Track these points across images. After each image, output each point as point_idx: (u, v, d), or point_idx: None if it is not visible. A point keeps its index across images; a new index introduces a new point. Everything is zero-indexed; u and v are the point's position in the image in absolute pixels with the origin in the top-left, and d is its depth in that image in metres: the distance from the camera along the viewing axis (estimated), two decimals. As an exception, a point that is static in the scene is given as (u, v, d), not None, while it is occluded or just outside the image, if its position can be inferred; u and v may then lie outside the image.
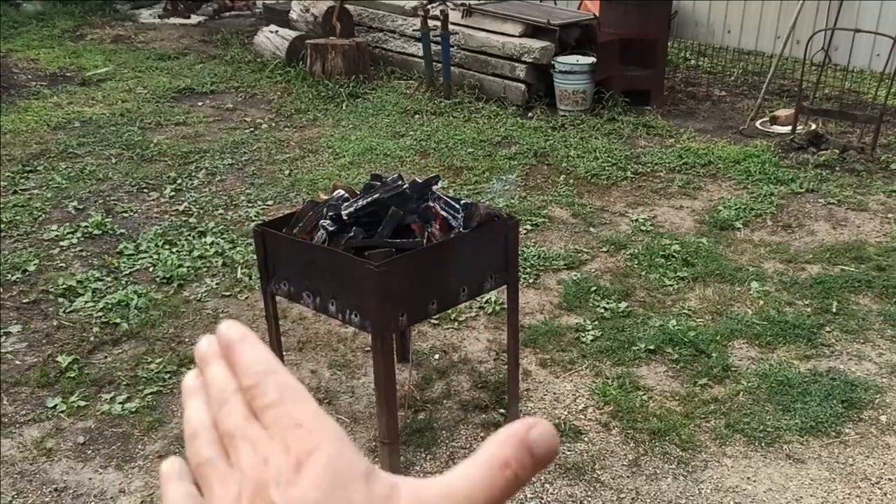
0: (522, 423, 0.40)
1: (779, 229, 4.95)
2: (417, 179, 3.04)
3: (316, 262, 2.83)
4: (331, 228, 2.84)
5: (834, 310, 4.04)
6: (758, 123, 6.71)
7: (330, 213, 2.86)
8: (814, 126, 6.34)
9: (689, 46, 8.43)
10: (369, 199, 2.84)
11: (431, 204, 2.93)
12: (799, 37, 7.13)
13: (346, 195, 2.98)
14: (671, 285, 4.29)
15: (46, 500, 2.90)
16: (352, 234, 2.79)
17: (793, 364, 3.63)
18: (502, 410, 3.34)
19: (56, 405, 3.37)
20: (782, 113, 6.68)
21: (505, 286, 3.09)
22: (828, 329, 3.90)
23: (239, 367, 0.43)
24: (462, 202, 2.97)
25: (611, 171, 5.74)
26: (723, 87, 7.77)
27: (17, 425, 3.27)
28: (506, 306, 3.24)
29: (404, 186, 2.89)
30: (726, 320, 3.96)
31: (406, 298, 2.72)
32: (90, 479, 3.00)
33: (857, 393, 3.43)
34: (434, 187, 2.98)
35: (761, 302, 4.12)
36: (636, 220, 5.03)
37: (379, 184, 2.97)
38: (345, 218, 2.83)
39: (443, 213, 2.90)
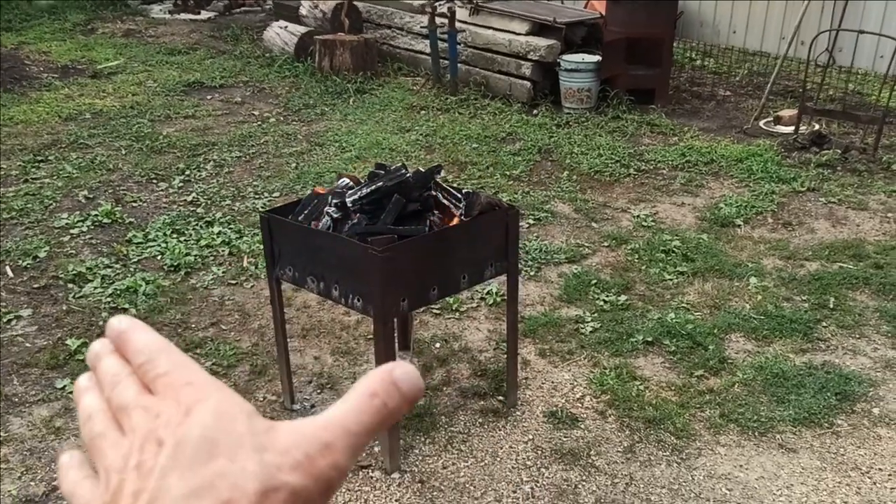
0: (388, 364, 0.44)
1: (779, 227, 5.00)
2: (421, 169, 3.11)
3: (320, 247, 2.90)
4: (335, 215, 2.91)
5: (831, 305, 4.09)
6: (761, 123, 6.75)
7: (335, 201, 2.93)
8: (817, 126, 6.39)
9: (694, 46, 8.48)
10: (373, 188, 2.91)
11: (434, 192, 2.99)
12: (803, 38, 7.16)
13: (351, 183, 3.05)
14: (671, 280, 4.35)
15: (55, 476, 2.98)
16: (355, 220, 2.86)
17: (788, 357, 3.69)
18: (501, 397, 3.41)
19: (65, 386, 3.45)
20: (786, 113, 6.73)
21: (505, 275, 3.16)
22: (824, 324, 3.95)
23: (132, 350, 0.45)
24: (464, 191, 3.03)
25: (614, 167, 5.80)
26: (727, 87, 7.81)
27: (27, 405, 3.35)
28: (506, 296, 3.31)
29: (407, 175, 2.96)
30: (724, 314, 4.02)
31: (408, 284, 2.79)
32: (98, 457, 3.07)
33: (851, 386, 3.48)
34: (436, 177, 3.05)
35: (759, 297, 4.17)
36: (638, 216, 5.09)
37: (383, 172, 3.04)
38: (349, 205, 2.90)
39: (444, 201, 2.97)
